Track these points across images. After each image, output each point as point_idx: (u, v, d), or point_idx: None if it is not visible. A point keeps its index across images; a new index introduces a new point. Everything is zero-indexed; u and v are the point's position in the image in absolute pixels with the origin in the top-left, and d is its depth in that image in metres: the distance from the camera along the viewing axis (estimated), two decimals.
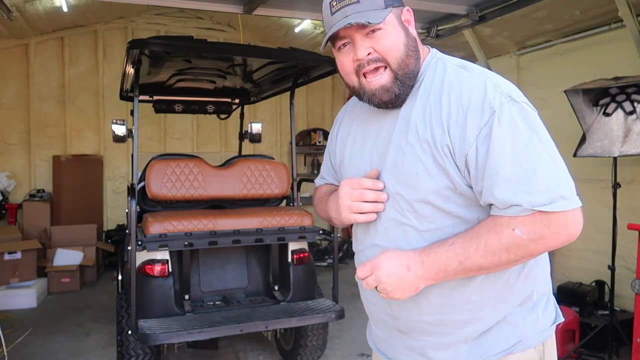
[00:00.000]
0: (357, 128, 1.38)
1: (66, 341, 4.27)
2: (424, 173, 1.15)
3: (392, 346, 1.34)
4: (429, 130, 1.15)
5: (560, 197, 1.05)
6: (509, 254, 1.08)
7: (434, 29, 5.07)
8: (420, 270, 1.13)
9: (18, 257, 5.40)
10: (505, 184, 1.06)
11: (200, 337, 2.99)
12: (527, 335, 1.22)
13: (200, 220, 3.22)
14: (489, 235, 1.08)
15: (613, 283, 3.69)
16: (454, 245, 1.11)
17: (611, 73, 3.79)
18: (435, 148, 1.13)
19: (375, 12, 1.15)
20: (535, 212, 1.05)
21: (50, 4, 5.73)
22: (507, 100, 1.10)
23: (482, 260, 1.09)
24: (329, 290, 3.72)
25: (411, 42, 1.22)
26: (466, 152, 1.10)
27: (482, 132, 1.08)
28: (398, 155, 1.20)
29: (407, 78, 1.20)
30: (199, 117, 7.40)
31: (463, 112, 1.11)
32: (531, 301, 1.24)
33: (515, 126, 1.08)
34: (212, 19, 7.70)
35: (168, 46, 2.96)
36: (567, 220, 1.06)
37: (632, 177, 4.14)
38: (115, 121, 3.68)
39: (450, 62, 1.23)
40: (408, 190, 1.18)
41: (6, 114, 6.79)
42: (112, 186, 7.33)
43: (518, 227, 1.06)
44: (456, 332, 1.21)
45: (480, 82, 1.13)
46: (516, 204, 1.05)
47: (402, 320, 1.27)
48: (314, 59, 3.30)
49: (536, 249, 1.08)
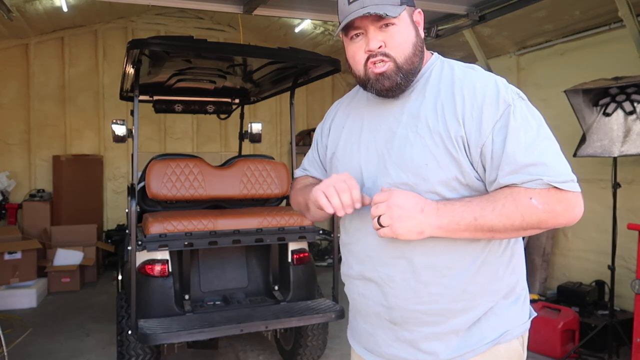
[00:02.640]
0: (354, 122, 1.41)
1: (66, 341, 4.27)
2: (434, 164, 1.20)
3: (381, 339, 1.35)
4: (442, 123, 1.21)
5: (571, 180, 1.15)
6: (522, 221, 1.14)
7: (434, 29, 5.06)
8: (433, 216, 1.16)
9: (18, 257, 5.40)
10: (523, 169, 1.13)
11: (200, 337, 2.99)
12: (512, 326, 1.28)
13: (200, 220, 3.22)
14: (507, 200, 1.14)
15: (613, 283, 3.69)
16: (471, 203, 1.16)
17: (611, 73, 3.79)
18: (449, 140, 1.19)
19: (392, 7, 1.21)
20: (550, 188, 1.12)
21: (50, 4, 5.73)
22: (517, 97, 1.20)
23: (495, 220, 1.14)
24: (329, 290, 3.72)
25: (419, 42, 1.28)
26: (483, 143, 1.17)
27: (498, 124, 1.16)
28: (405, 147, 1.24)
29: (410, 73, 1.26)
30: (199, 117, 7.40)
31: (478, 106, 1.18)
32: (515, 294, 1.31)
33: (527, 119, 1.18)
34: (212, 19, 7.70)
35: (168, 46, 2.96)
36: (575, 201, 1.15)
37: (632, 177, 4.14)
38: (115, 121, 3.68)
39: (457, 63, 1.31)
40: (416, 180, 1.22)
41: (6, 114, 6.79)
42: (112, 186, 7.33)
43: (535, 197, 1.13)
44: (450, 321, 1.25)
45: (492, 80, 1.23)
46: (537, 178, 1.13)
47: (398, 311, 1.29)
48: (314, 59, 3.30)
49: (547, 221, 1.15)
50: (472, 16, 4.62)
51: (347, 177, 1.24)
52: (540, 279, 4.82)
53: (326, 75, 3.63)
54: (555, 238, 4.89)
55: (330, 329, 3.82)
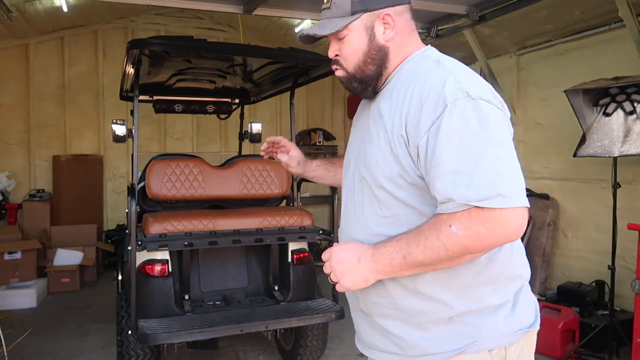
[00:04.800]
0: (357, 118, 1.50)
1: (66, 341, 4.27)
2: (382, 160, 1.24)
3: (362, 328, 1.41)
4: (390, 120, 1.23)
5: (497, 195, 1.05)
6: (447, 250, 1.09)
7: (434, 29, 5.06)
8: (369, 263, 1.19)
9: (18, 257, 5.40)
10: (447, 176, 1.08)
11: (200, 337, 2.99)
12: (484, 338, 1.21)
13: (200, 220, 3.22)
14: (430, 232, 1.11)
15: (613, 283, 3.69)
16: (400, 241, 1.16)
17: (611, 73, 3.79)
18: (392, 137, 1.21)
19: (339, 20, 1.27)
20: (470, 208, 1.06)
21: (50, 4, 5.73)
22: (463, 96, 1.12)
23: (422, 256, 1.12)
24: (329, 290, 3.72)
25: (373, 49, 1.28)
26: (417, 144, 1.15)
27: (434, 125, 1.12)
28: (367, 143, 1.31)
29: (365, 79, 1.32)
30: (199, 117, 7.40)
31: (420, 105, 1.16)
32: (492, 305, 1.23)
33: (467, 121, 1.10)
34: (212, 19, 7.70)
35: (168, 46, 2.96)
36: (505, 218, 1.06)
37: (632, 177, 4.14)
38: (115, 121, 3.68)
39: (430, 58, 1.27)
40: (369, 176, 1.28)
41: (6, 114, 6.78)
42: (112, 186, 7.33)
43: (454, 224, 1.07)
44: (410, 319, 1.25)
45: (442, 77, 1.16)
46: (452, 199, 1.07)
47: (363, 302, 1.35)
48: (314, 59, 3.30)
49: (473, 245, 1.08)
50: (472, 16, 4.62)
51: None
52: (540, 279, 4.82)
53: (326, 75, 3.63)
54: (555, 238, 4.89)
55: (330, 329, 3.81)
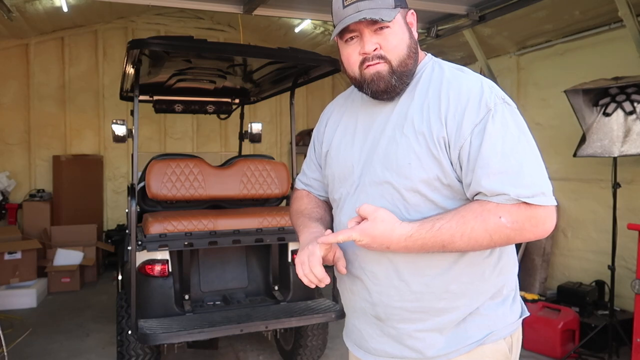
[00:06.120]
0: (348, 120, 1.44)
1: (66, 341, 4.27)
2: (417, 163, 1.22)
3: (368, 334, 1.37)
4: (426, 124, 1.23)
5: (541, 193, 1.14)
6: (491, 240, 1.16)
7: (434, 29, 5.07)
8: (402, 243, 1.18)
9: (18, 257, 5.40)
10: (495, 175, 1.14)
11: (200, 337, 2.99)
12: (498, 327, 1.29)
13: (200, 220, 3.22)
14: (476, 222, 1.14)
15: (613, 283, 3.69)
16: (441, 231, 1.16)
17: (611, 73, 3.79)
18: (432, 140, 1.21)
19: (386, 10, 1.22)
20: (520, 203, 1.13)
21: (50, 4, 5.73)
22: (501, 101, 1.20)
23: (464, 245, 1.16)
24: (329, 290, 3.72)
25: (413, 43, 1.30)
26: (461, 145, 1.18)
27: (477, 128, 1.17)
28: (391, 146, 1.27)
29: (404, 75, 1.28)
30: (199, 117, 7.40)
31: (461, 108, 1.19)
32: (501, 295, 1.31)
33: (507, 125, 1.18)
34: (212, 19, 7.70)
35: (168, 46, 2.95)
36: (546, 215, 1.15)
37: (632, 177, 4.13)
38: (115, 121, 3.68)
39: (447, 65, 1.33)
40: (399, 179, 1.25)
41: (6, 114, 6.79)
42: (112, 186, 7.33)
43: (504, 215, 1.13)
44: (433, 319, 1.27)
45: (478, 83, 1.23)
46: (504, 193, 1.13)
47: (382, 307, 1.31)
48: (314, 59, 3.30)
49: (514, 238, 1.16)
50: (472, 16, 4.62)
51: (311, 251, 1.26)
52: (540, 279, 4.82)
53: (326, 75, 3.63)
54: (555, 238, 4.89)
55: (330, 329, 3.81)
